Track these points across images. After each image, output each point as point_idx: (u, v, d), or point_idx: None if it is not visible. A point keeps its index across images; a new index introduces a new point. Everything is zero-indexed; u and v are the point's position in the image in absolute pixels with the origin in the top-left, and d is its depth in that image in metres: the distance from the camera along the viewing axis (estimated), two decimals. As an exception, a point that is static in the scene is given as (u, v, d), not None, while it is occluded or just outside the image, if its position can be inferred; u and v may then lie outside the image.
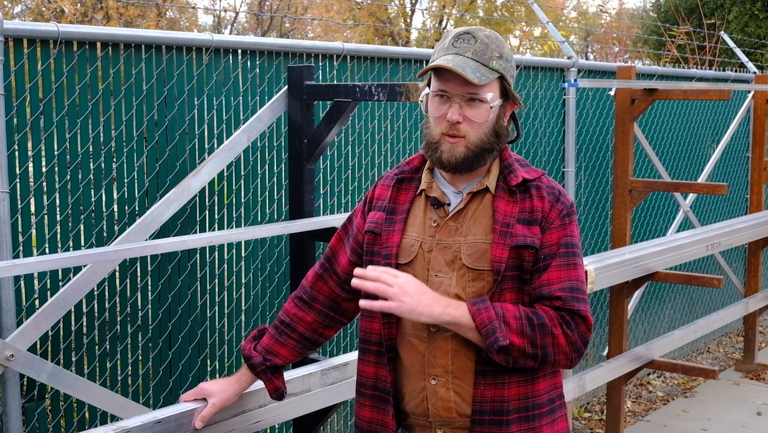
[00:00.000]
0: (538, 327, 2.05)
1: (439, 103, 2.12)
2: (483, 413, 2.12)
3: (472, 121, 2.09)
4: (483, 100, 2.09)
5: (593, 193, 6.11)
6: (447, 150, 2.11)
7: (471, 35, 2.11)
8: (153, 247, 3.30)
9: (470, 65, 2.06)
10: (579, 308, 2.08)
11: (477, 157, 2.12)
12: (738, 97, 7.61)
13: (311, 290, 2.42)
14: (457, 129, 2.10)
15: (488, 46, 2.10)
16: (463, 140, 2.10)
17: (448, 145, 2.11)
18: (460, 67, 2.04)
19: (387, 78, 4.58)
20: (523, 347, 2.04)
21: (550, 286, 2.09)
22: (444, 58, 2.09)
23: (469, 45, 2.09)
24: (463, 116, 2.09)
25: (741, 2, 17.08)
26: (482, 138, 2.11)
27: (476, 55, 2.08)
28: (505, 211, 2.12)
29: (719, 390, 6.44)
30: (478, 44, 2.09)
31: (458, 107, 2.09)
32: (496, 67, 2.10)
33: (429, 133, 2.16)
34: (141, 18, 22.61)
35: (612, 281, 4.54)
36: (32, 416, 3.30)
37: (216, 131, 3.83)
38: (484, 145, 2.12)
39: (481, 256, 2.11)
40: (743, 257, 7.55)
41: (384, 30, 28.57)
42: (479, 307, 2.04)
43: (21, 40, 3.19)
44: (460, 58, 2.07)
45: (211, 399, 2.40)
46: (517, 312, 2.06)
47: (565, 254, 2.11)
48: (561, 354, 2.08)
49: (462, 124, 2.09)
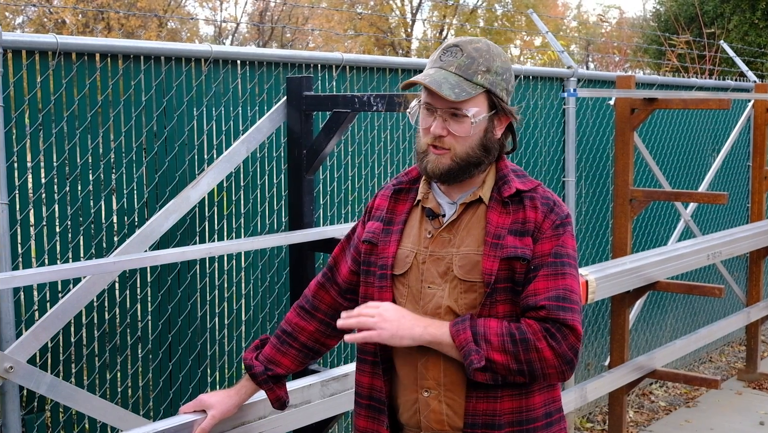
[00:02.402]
0: (521, 342, 2.02)
1: (426, 115, 2.13)
2: (475, 427, 2.10)
3: (456, 135, 2.09)
4: (464, 115, 2.08)
5: (594, 203, 6.11)
6: (432, 161, 2.12)
7: (459, 48, 2.10)
8: (152, 258, 3.29)
9: (450, 80, 2.05)
10: (564, 317, 2.03)
11: (462, 170, 2.11)
12: (738, 106, 7.62)
13: (313, 299, 2.43)
14: (441, 142, 2.10)
15: (474, 60, 2.08)
16: (448, 152, 2.10)
17: (433, 156, 2.11)
18: (437, 84, 2.04)
19: (386, 88, 4.58)
20: (507, 364, 2.03)
21: (536, 296, 2.06)
22: (427, 72, 2.10)
23: (454, 59, 2.09)
24: (446, 130, 2.09)
25: (741, 11, 17.11)
26: (468, 152, 2.10)
27: (460, 70, 2.07)
28: (497, 223, 2.11)
29: (722, 400, 6.42)
30: (464, 58, 2.08)
31: (442, 121, 2.09)
32: (481, 81, 2.08)
33: (418, 143, 2.17)
34: (142, 29, 22.66)
35: (613, 290, 4.53)
36: (32, 428, 3.29)
37: (215, 142, 3.83)
38: (470, 159, 2.11)
39: (473, 268, 2.10)
40: (745, 266, 7.53)
41: (384, 40, 28.63)
42: (458, 328, 2.04)
43: (20, 51, 3.19)
44: (442, 72, 2.07)
45: (210, 411, 2.40)
46: (500, 329, 2.03)
47: (553, 263, 2.08)
48: (550, 368, 2.04)
49: (446, 137, 2.10)
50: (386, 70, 4.59)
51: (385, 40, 28.73)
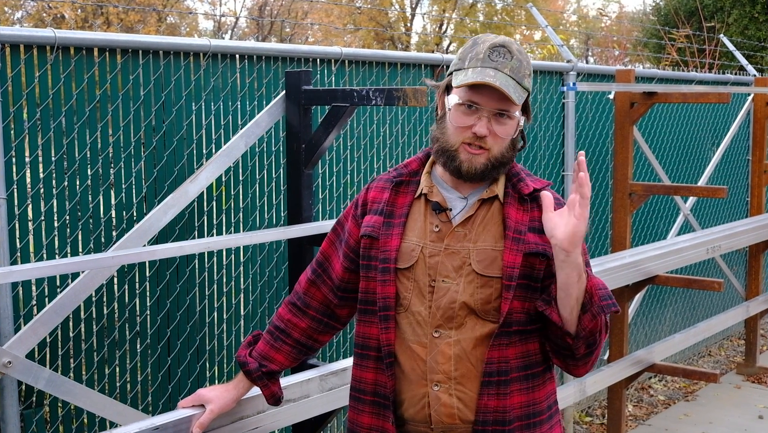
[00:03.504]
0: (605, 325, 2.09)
1: (465, 113, 2.10)
2: (486, 424, 2.11)
3: (497, 136, 2.10)
4: (512, 117, 2.10)
5: (593, 197, 6.10)
6: (467, 160, 2.10)
7: (507, 50, 2.10)
8: (151, 253, 3.29)
9: (511, 83, 2.07)
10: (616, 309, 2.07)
11: (495, 169, 2.13)
12: (738, 100, 7.61)
13: (304, 296, 2.41)
14: (483, 142, 2.09)
15: (521, 63, 2.10)
16: (486, 153, 2.10)
17: (467, 155, 2.10)
18: (505, 86, 2.05)
19: (385, 82, 4.57)
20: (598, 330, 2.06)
21: None
22: (485, 72, 2.07)
23: (506, 60, 2.09)
24: (489, 130, 2.09)
25: (741, 5, 17.09)
26: (503, 152, 2.12)
27: (513, 72, 2.08)
28: (516, 219, 2.12)
29: (721, 394, 6.43)
30: (514, 61, 2.09)
31: (486, 121, 2.09)
32: (527, 85, 2.12)
33: (446, 139, 2.13)
34: (141, 24, 22.63)
35: (612, 284, 4.52)
36: (30, 423, 3.29)
37: (214, 136, 3.82)
38: (503, 159, 2.13)
39: (492, 262, 2.10)
40: (744, 260, 7.53)
41: (384, 34, 28.60)
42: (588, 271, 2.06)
43: (18, 46, 3.18)
44: (501, 74, 2.07)
45: (209, 405, 2.39)
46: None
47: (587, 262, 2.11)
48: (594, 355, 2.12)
49: (488, 137, 2.09)
50: (385, 65, 4.58)
51: (385, 35, 28.69)
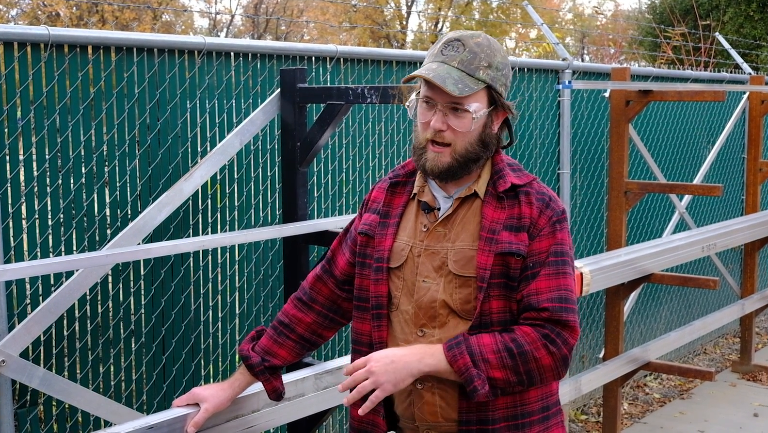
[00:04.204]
0: (519, 356, 2.02)
1: (425, 109, 2.11)
2: (470, 423, 2.10)
3: (456, 130, 2.08)
4: (466, 110, 2.07)
5: (588, 195, 6.10)
6: (431, 158, 2.10)
7: (461, 43, 2.08)
8: (145, 251, 3.28)
9: (454, 75, 2.04)
10: (567, 319, 2.05)
11: (461, 166, 2.11)
12: (733, 98, 7.61)
13: (311, 291, 2.43)
14: (441, 137, 2.09)
15: (476, 55, 2.07)
16: (448, 149, 2.09)
17: (432, 153, 2.10)
18: (441, 79, 2.03)
19: (381, 80, 4.56)
20: (507, 378, 2.03)
21: (538, 296, 2.06)
22: (429, 66, 2.08)
23: (456, 53, 2.07)
24: (446, 124, 2.08)
25: (736, 3, 17.11)
26: (467, 147, 2.10)
27: (462, 65, 2.06)
28: (492, 218, 2.11)
29: (716, 392, 6.44)
30: (466, 53, 2.07)
31: (442, 115, 2.08)
32: (483, 77, 2.07)
33: (416, 137, 2.15)
34: (136, 22, 22.58)
35: (608, 282, 4.52)
36: (24, 422, 3.28)
37: (209, 134, 3.81)
38: (470, 155, 2.11)
39: (468, 262, 2.10)
40: (739, 258, 7.54)
41: (380, 32, 28.59)
42: (454, 352, 2.02)
43: (11, 43, 3.17)
44: (445, 67, 2.06)
45: (203, 404, 2.39)
46: (495, 345, 2.02)
47: (554, 262, 2.08)
48: (548, 372, 2.06)
49: (446, 132, 2.08)
50: (381, 62, 4.57)
51: (381, 33, 28.68)
